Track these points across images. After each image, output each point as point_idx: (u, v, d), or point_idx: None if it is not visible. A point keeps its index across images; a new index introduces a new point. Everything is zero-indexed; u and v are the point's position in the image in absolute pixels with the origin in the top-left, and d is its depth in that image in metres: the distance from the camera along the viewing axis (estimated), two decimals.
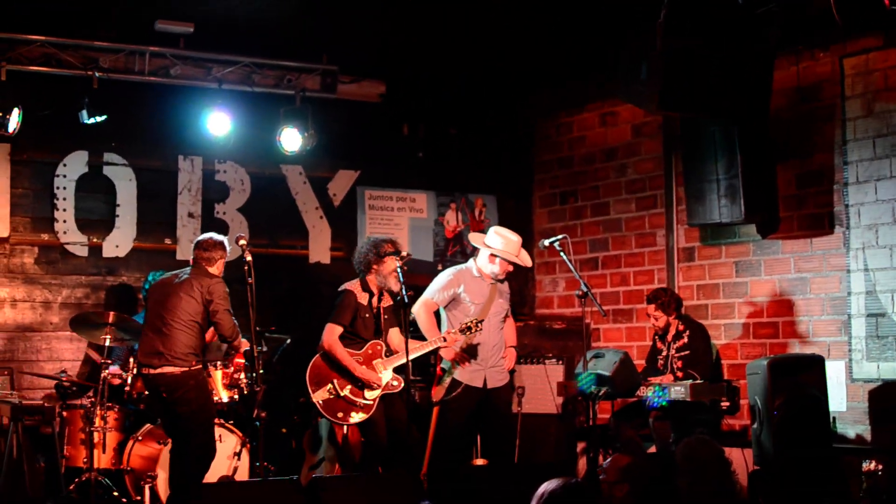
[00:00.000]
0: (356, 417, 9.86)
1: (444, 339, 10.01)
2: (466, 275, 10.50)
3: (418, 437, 10.30)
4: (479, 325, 10.10)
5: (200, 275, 9.44)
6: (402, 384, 9.83)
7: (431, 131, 13.54)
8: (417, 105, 13.32)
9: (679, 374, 10.76)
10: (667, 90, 10.09)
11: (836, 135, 10.98)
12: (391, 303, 10.18)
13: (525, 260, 10.53)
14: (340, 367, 9.86)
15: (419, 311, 10.40)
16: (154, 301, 9.53)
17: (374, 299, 10.06)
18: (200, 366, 9.38)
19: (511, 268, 10.45)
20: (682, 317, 11.16)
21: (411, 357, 9.65)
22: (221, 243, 9.65)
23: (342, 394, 9.83)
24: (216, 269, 9.57)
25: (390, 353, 10.05)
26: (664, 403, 4.70)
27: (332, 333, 9.89)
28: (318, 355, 9.94)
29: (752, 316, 11.64)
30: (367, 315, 10.00)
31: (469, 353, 10.31)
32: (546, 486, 5.26)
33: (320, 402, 9.81)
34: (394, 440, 9.91)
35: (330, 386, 9.84)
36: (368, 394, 9.86)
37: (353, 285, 10.06)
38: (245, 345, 9.71)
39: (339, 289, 10.12)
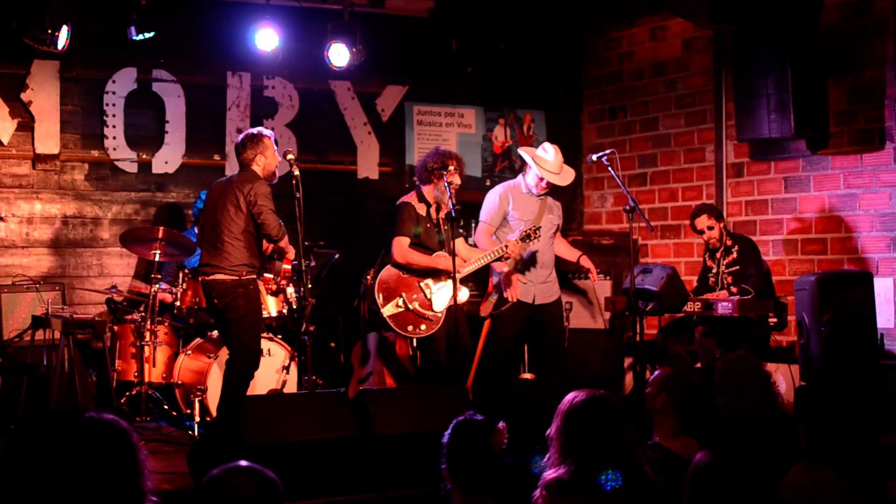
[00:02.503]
0: (424, 330, 9.97)
1: (506, 247, 10.02)
2: (515, 191, 10.50)
3: (468, 348, 10.36)
4: (538, 231, 10.09)
5: (243, 180, 9.27)
6: (468, 295, 9.93)
7: (480, 46, 13.46)
8: (466, 20, 13.23)
9: (734, 289, 10.72)
10: (717, 3, 10.04)
11: (887, 49, 10.86)
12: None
13: (562, 180, 10.47)
14: (408, 281, 9.97)
15: (479, 238, 10.44)
16: (207, 211, 9.49)
17: (432, 210, 10.09)
18: (253, 276, 9.35)
19: (546, 184, 10.41)
20: (730, 233, 11.14)
21: (476, 268, 10.01)
22: (252, 136, 9.42)
23: (410, 307, 9.91)
24: (260, 165, 9.37)
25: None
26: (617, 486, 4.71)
27: (401, 245, 9.95)
28: (386, 268, 10.03)
29: (800, 232, 11.60)
30: (429, 225, 10.06)
31: (518, 268, 10.33)
32: (572, 397, 5.30)
33: (389, 315, 9.90)
34: (454, 355, 10.00)
35: (399, 300, 9.92)
36: (436, 306, 9.94)
37: (410, 197, 10.14)
38: (292, 251, 9.63)
39: (397, 202, 10.17)
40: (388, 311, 9.90)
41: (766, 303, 10.57)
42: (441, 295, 10.01)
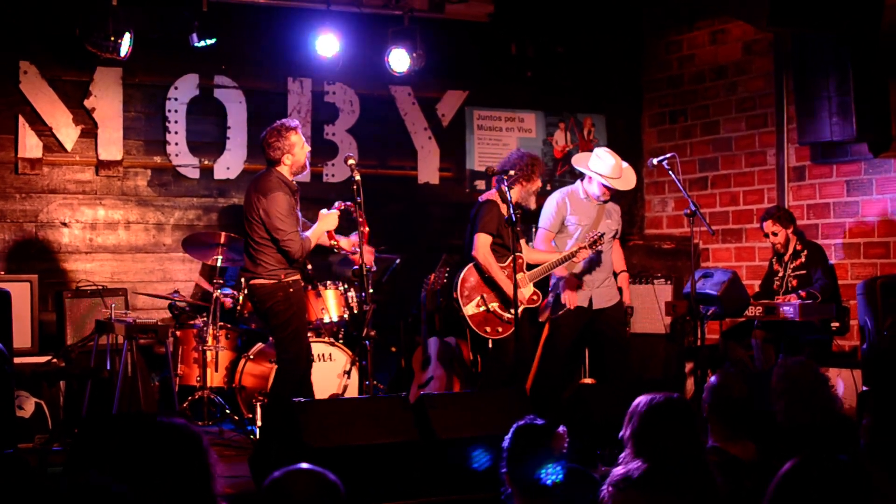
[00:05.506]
0: (501, 332, 9.93)
1: (575, 254, 9.96)
2: (573, 197, 10.46)
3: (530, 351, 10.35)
4: (602, 237, 10.03)
5: (260, 190, 8.98)
6: (541, 299, 9.91)
7: (540, 50, 13.46)
8: (525, 24, 13.24)
9: (802, 293, 10.66)
10: (777, 5, 9.99)
11: None
12: None
13: (626, 184, 10.42)
14: (490, 281, 9.92)
15: (539, 244, 10.38)
16: (243, 212, 9.28)
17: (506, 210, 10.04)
18: (296, 275, 9.17)
19: (609, 192, 10.38)
20: (800, 235, 11.10)
21: (545, 274, 10.03)
22: (277, 129, 9.15)
23: (490, 308, 9.89)
24: (288, 164, 9.11)
25: (530, 266, 10.07)
26: (557, 480, 4.62)
27: (484, 244, 9.88)
28: (468, 267, 9.99)
29: (862, 235, 11.52)
30: (508, 226, 9.98)
31: (576, 272, 10.31)
32: (648, 398, 5.32)
33: (470, 315, 9.88)
34: (518, 359, 9.97)
35: (479, 299, 9.89)
36: (513, 309, 9.91)
37: (492, 195, 10.05)
38: (325, 231, 9.25)
39: (480, 199, 10.13)
40: (469, 310, 9.87)
41: (828, 307, 10.51)
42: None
